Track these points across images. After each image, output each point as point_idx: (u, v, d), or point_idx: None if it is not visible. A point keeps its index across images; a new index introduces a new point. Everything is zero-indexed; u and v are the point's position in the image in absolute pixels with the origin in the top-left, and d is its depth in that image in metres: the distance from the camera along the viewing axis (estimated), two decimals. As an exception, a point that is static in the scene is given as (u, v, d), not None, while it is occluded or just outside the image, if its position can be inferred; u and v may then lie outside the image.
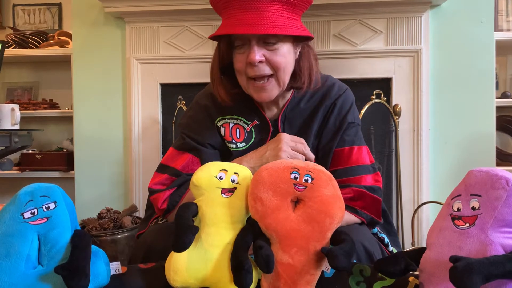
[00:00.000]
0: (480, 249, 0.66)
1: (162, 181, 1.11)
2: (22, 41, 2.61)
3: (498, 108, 2.17)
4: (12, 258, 0.73)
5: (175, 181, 1.10)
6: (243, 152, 1.14)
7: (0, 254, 0.73)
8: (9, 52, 2.52)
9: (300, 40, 1.08)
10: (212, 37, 1.05)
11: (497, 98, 2.19)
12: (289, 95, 1.16)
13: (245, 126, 1.15)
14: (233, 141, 1.15)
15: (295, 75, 1.09)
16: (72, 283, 0.70)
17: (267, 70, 1.03)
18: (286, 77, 1.06)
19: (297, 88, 1.11)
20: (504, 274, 0.60)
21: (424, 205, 2.04)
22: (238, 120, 1.16)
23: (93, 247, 0.79)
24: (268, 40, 1.01)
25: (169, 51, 2.24)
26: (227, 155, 1.16)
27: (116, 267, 0.85)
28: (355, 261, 0.87)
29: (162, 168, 1.15)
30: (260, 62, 1.01)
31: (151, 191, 1.11)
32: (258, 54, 1.00)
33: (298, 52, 1.09)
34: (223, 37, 1.05)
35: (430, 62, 2.11)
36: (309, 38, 1.08)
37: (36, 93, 2.82)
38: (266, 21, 0.96)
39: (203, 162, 1.10)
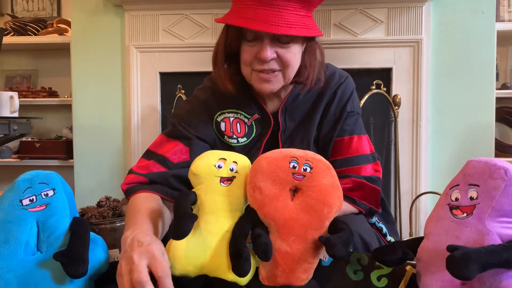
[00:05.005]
0: (478, 238, 0.66)
1: (145, 166, 1.06)
2: (20, 29, 2.59)
3: (498, 99, 2.17)
4: (11, 245, 0.73)
5: (156, 174, 1.04)
6: (244, 147, 1.13)
7: (-1, 241, 0.73)
8: (7, 39, 2.51)
9: (311, 38, 1.06)
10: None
11: (497, 89, 2.18)
12: (290, 86, 1.14)
13: (246, 120, 1.14)
14: (234, 136, 1.13)
15: (299, 70, 1.07)
16: (71, 269, 0.70)
17: (276, 66, 1.02)
18: (292, 74, 1.05)
19: (300, 83, 1.10)
20: (501, 263, 0.61)
21: (422, 196, 2.05)
22: (239, 114, 1.14)
23: (92, 234, 0.80)
24: (282, 39, 0.99)
25: (169, 39, 2.23)
26: None
27: (115, 254, 0.86)
28: (351, 250, 0.87)
29: (148, 154, 1.10)
30: (272, 59, 1.00)
31: (130, 171, 1.07)
32: (270, 51, 0.98)
33: (304, 47, 1.07)
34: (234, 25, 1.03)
35: (430, 52, 2.10)
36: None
37: (35, 81, 2.82)
38: (283, 20, 0.94)
39: (192, 152, 1.07)
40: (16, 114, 1.85)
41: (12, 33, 2.59)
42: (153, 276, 0.68)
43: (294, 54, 1.02)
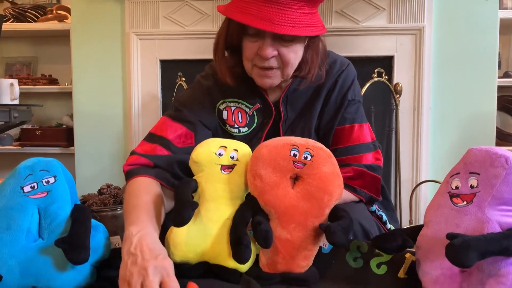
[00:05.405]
0: (477, 226, 0.66)
1: (148, 149, 1.04)
2: (20, 15, 2.57)
3: (500, 88, 2.16)
4: (13, 231, 0.73)
5: (160, 157, 1.02)
6: (245, 137, 1.12)
7: (1, 227, 0.74)
8: (7, 26, 2.49)
9: (315, 36, 1.04)
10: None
11: (499, 77, 2.17)
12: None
13: (247, 109, 1.13)
14: (236, 126, 1.13)
15: (300, 65, 1.06)
16: (72, 256, 0.71)
17: (276, 64, 1.01)
18: (291, 71, 1.04)
19: (301, 77, 1.09)
20: (500, 251, 0.61)
21: (423, 184, 2.05)
22: (240, 104, 1.13)
23: (93, 221, 0.80)
24: (284, 37, 0.98)
25: (169, 26, 2.21)
26: None
27: (116, 241, 0.87)
28: (351, 238, 0.88)
29: (151, 137, 1.07)
30: (272, 56, 0.99)
31: (132, 153, 1.05)
32: (271, 49, 0.97)
33: (306, 42, 1.05)
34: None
35: (432, 40, 2.09)
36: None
37: (35, 68, 2.80)
38: (287, 19, 0.92)
39: (197, 138, 1.06)
40: (16, 102, 1.84)
41: (12, 20, 2.57)
42: None
43: (295, 53, 1.01)
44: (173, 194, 0.85)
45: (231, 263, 0.81)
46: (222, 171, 0.84)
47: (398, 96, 2.05)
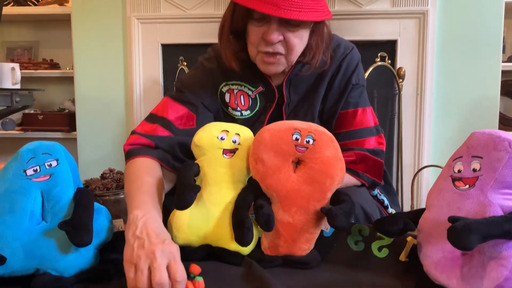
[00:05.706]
0: (479, 210, 0.66)
1: (149, 129, 1.04)
2: (20, -1, 2.56)
3: (504, 73, 2.14)
4: (16, 214, 0.74)
5: (161, 138, 1.02)
6: (248, 121, 1.12)
7: (4, 210, 0.74)
8: (7, 10, 2.48)
9: (320, 21, 1.03)
10: None
11: (503, 62, 2.14)
12: None
13: (250, 92, 1.12)
14: (238, 109, 1.13)
15: (304, 50, 1.05)
16: (76, 238, 0.71)
17: (281, 49, 1.00)
18: (295, 58, 1.04)
19: (306, 63, 1.08)
20: (502, 234, 0.61)
21: (424, 169, 2.05)
22: (242, 87, 1.13)
23: (96, 204, 0.80)
24: (291, 21, 0.97)
25: (170, 10, 2.19)
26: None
27: (119, 224, 0.87)
28: (353, 221, 0.88)
29: (152, 118, 1.07)
30: (278, 42, 0.98)
31: (132, 132, 1.05)
32: (277, 34, 0.97)
33: (311, 28, 1.04)
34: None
35: (436, 24, 2.07)
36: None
37: (36, 53, 2.79)
38: (293, 4, 0.91)
39: (199, 120, 1.06)
40: (18, 86, 1.84)
41: (12, 4, 2.56)
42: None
43: (300, 38, 1.01)
44: (175, 178, 0.85)
45: (233, 246, 0.81)
46: (224, 155, 0.84)
47: (401, 80, 2.04)
